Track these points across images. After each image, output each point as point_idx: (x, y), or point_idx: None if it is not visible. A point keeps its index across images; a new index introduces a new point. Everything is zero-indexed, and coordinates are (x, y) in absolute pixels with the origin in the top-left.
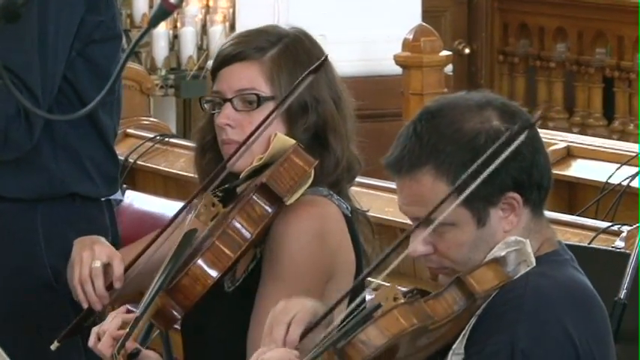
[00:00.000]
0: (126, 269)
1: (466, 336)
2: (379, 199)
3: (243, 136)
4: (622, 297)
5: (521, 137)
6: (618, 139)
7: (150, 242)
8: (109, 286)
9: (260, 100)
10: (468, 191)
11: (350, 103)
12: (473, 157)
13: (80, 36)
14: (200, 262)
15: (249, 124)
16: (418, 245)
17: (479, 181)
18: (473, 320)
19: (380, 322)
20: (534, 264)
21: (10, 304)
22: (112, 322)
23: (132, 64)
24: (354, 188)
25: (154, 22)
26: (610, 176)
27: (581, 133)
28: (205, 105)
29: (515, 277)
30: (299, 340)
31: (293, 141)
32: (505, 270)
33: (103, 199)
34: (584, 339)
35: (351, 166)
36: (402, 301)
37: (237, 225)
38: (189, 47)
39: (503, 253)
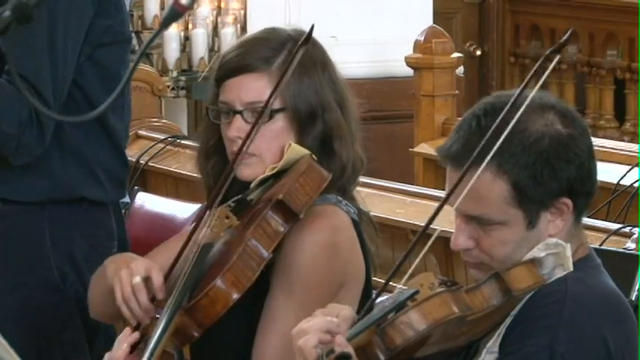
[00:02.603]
0: (165, 276)
1: (501, 335)
2: (391, 201)
3: (253, 149)
4: (633, 299)
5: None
6: (630, 141)
7: (181, 249)
8: (152, 299)
9: (272, 114)
10: (489, 156)
11: (353, 103)
12: (535, 159)
13: (89, 40)
14: (220, 282)
15: (261, 137)
16: (461, 239)
17: (499, 142)
18: (508, 320)
19: (423, 307)
20: (571, 269)
21: (15, 305)
22: (122, 349)
23: (143, 66)
24: (365, 190)
25: (166, 23)
26: (621, 178)
27: (592, 134)
28: (211, 113)
29: (552, 281)
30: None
31: (307, 151)
32: (540, 272)
33: (110, 204)
34: (618, 347)
35: (355, 166)
36: (442, 288)
37: (255, 244)
38: (200, 49)
39: (542, 255)
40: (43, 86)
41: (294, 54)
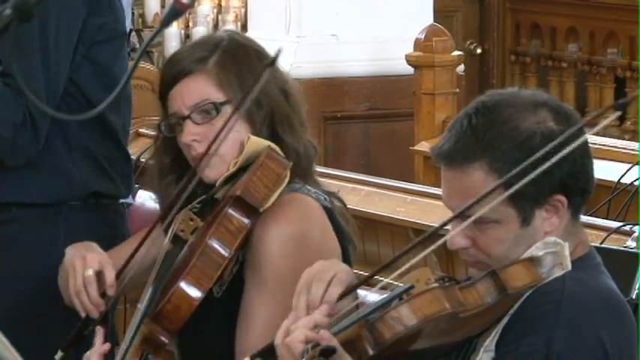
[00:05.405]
0: (118, 273)
1: (498, 334)
2: (391, 199)
3: (211, 149)
4: (634, 297)
5: (578, 141)
6: (630, 139)
7: (138, 244)
8: (103, 294)
9: (217, 108)
10: (514, 188)
11: (300, 96)
12: (527, 157)
13: (84, 39)
14: (182, 285)
15: (215, 133)
16: (457, 238)
17: (528, 179)
18: (505, 319)
19: (414, 302)
20: (570, 268)
21: (25, 309)
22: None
23: (144, 64)
24: (365, 188)
25: (166, 21)
26: (622, 176)
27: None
28: (165, 129)
29: (551, 280)
30: (337, 301)
31: (267, 142)
32: (539, 271)
33: (122, 200)
34: (615, 348)
35: (309, 153)
36: (436, 284)
37: (215, 244)
38: None
39: (540, 254)
40: (36, 87)
41: (261, 74)
